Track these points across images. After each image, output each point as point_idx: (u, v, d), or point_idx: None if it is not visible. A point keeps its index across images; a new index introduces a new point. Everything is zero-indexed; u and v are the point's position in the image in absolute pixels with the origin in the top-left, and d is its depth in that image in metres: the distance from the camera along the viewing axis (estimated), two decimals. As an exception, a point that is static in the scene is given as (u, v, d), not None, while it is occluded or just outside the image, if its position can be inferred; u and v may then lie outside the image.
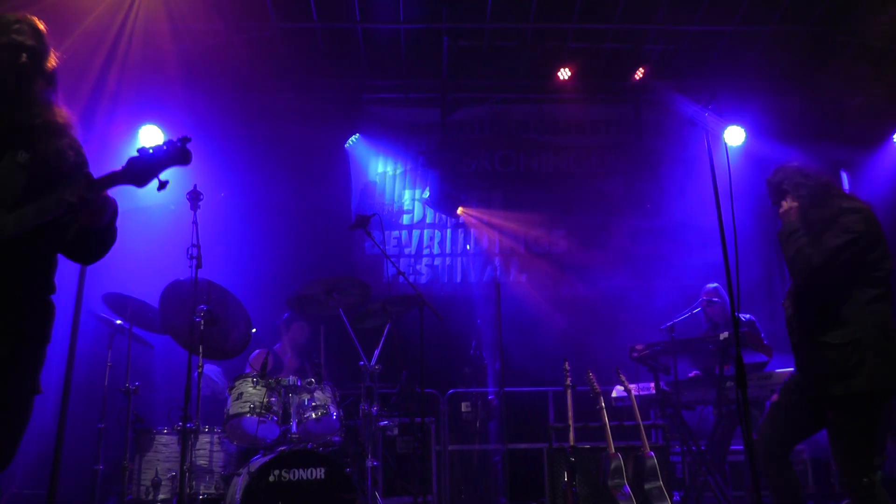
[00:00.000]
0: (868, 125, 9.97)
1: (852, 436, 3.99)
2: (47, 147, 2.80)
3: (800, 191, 4.41)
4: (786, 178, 4.53)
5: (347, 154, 9.55)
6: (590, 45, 8.97)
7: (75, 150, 2.90)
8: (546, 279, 9.70)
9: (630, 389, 6.10)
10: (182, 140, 2.72)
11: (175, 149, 2.71)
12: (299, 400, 5.51)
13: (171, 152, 2.71)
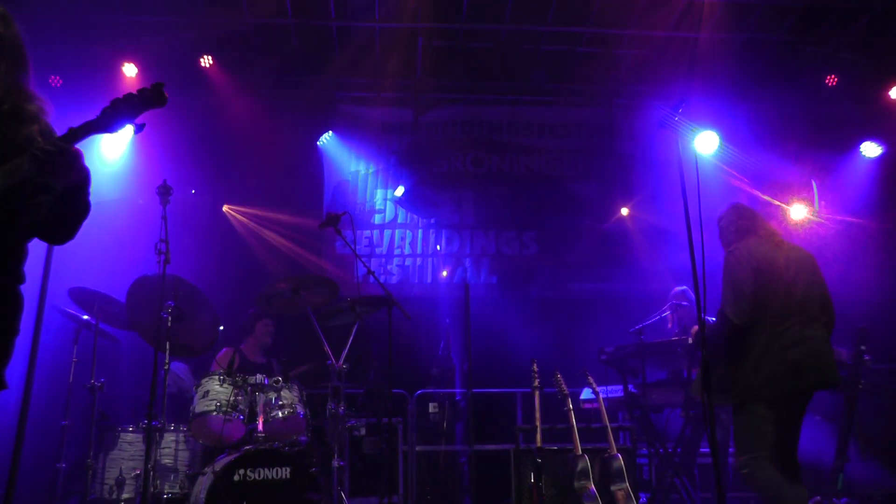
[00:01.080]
0: (837, 134, 10.11)
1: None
2: (16, 134, 2.74)
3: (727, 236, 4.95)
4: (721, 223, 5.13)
5: (320, 152, 9.50)
6: (564, 48, 9.00)
7: (46, 137, 2.84)
8: (516, 281, 9.72)
9: (598, 391, 6.13)
10: (155, 86, 2.74)
11: (148, 94, 2.72)
12: (266, 399, 5.46)
13: (146, 96, 2.72)
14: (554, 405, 6.00)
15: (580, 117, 10.17)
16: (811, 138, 10.06)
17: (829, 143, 10.14)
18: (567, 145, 10.15)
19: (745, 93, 9.69)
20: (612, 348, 6.79)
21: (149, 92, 2.74)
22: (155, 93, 2.76)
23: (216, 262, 8.21)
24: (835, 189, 10.12)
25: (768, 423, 4.49)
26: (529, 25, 8.58)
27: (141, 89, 2.74)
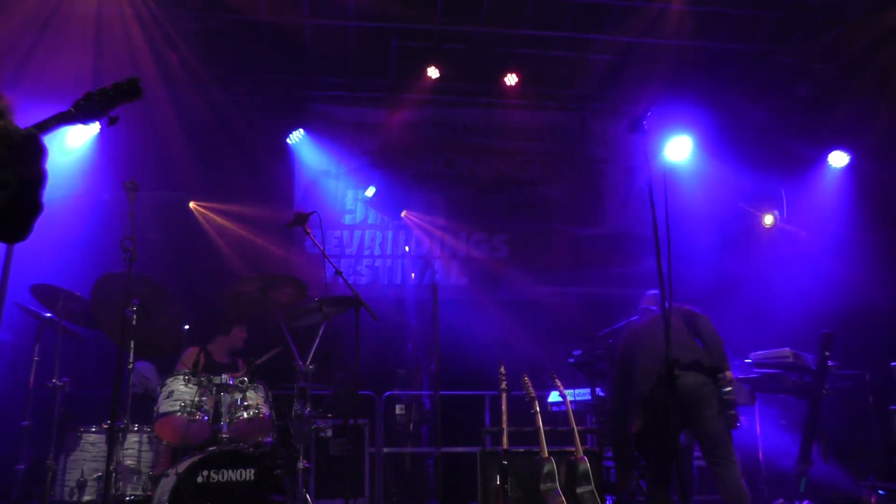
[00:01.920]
0: (807, 143, 10.25)
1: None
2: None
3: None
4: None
5: (291, 151, 9.43)
6: (538, 51, 9.02)
7: (12, 133, 2.78)
8: (486, 283, 9.73)
9: (565, 394, 6.15)
10: (130, 80, 2.70)
11: (123, 87, 2.68)
12: (231, 399, 5.40)
13: (121, 89, 2.68)
14: (523, 408, 6.01)
15: (553, 121, 10.20)
16: (782, 146, 10.19)
17: (799, 151, 10.28)
18: (539, 149, 10.17)
19: (718, 100, 9.79)
20: (580, 352, 6.83)
21: (124, 85, 2.71)
22: (130, 86, 2.72)
23: (183, 260, 8.14)
24: (804, 197, 10.25)
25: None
26: (503, 28, 8.59)
27: (116, 83, 2.70)
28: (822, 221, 10.16)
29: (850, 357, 8.39)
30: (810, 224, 10.16)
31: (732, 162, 9.91)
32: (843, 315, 8.98)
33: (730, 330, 8.03)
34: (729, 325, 8.32)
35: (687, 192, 9.79)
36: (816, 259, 9.91)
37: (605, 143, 10.20)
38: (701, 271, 9.68)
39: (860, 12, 8.35)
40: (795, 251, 10.05)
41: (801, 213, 10.24)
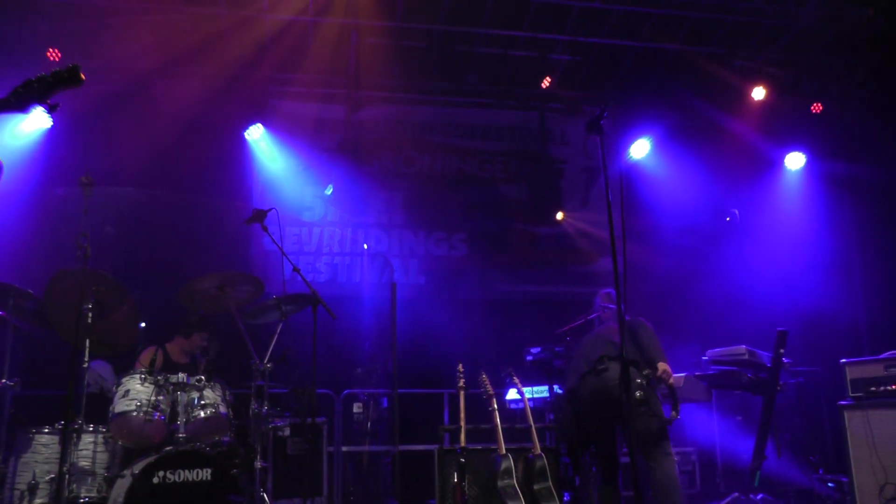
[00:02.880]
0: (764, 145, 10.43)
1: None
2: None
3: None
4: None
5: (250, 147, 9.34)
6: (498, 51, 9.04)
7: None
8: (445, 282, 9.74)
9: (523, 392, 6.19)
10: (71, 67, 2.66)
11: (63, 74, 2.65)
12: (188, 398, 5.36)
13: (60, 76, 2.64)
14: (481, 405, 6.05)
15: (513, 120, 10.24)
16: (740, 148, 10.36)
17: (757, 152, 10.46)
18: (499, 148, 10.21)
19: (676, 101, 9.90)
20: (538, 349, 6.87)
21: (64, 73, 2.67)
22: (70, 73, 2.69)
23: (139, 257, 8.02)
24: (761, 197, 10.42)
25: None
26: (464, 27, 8.60)
27: (55, 70, 2.67)
28: (779, 221, 10.35)
29: (803, 354, 8.57)
30: (767, 224, 10.33)
31: (692, 162, 10.05)
32: (798, 313, 9.16)
33: (687, 328, 8.17)
34: (686, 323, 8.45)
35: (647, 192, 9.92)
36: (772, 259, 10.09)
37: (564, 143, 10.27)
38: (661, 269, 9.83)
39: (813, 19, 8.52)
40: (752, 251, 10.21)
41: (758, 213, 10.40)
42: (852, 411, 6.26)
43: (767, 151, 10.47)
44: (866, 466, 6.05)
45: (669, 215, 9.68)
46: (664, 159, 10.04)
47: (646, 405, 4.95)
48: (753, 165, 10.52)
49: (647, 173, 10.05)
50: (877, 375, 6.24)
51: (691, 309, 9.31)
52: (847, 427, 6.28)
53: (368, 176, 9.68)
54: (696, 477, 8.20)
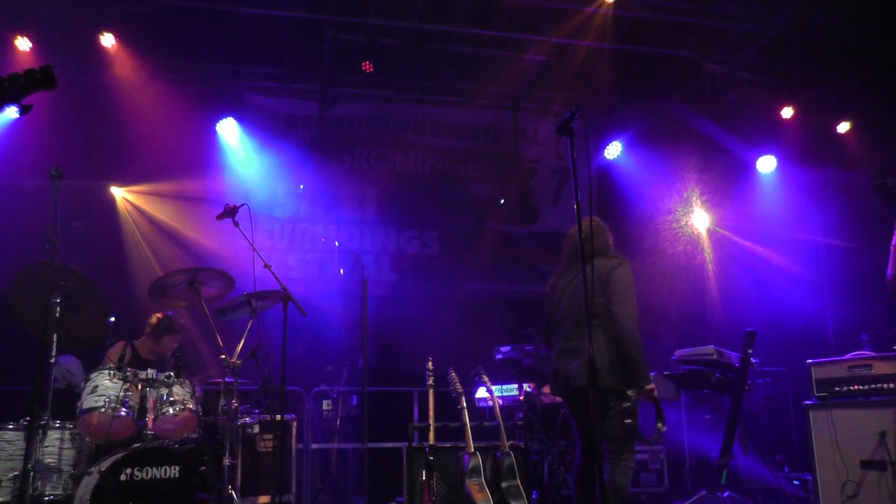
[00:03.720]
0: (736, 149, 10.55)
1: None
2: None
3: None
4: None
5: (223, 141, 9.27)
6: (472, 49, 9.05)
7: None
8: (416, 279, 9.74)
9: (492, 390, 6.22)
10: (44, 68, 2.63)
11: (36, 76, 2.61)
12: (157, 394, 5.33)
13: (33, 78, 2.61)
14: (451, 404, 6.07)
15: (486, 119, 10.25)
16: (712, 150, 10.47)
17: (729, 155, 10.58)
18: (472, 146, 10.22)
19: (650, 103, 9.97)
20: (508, 348, 6.91)
21: (37, 73, 2.64)
22: (43, 75, 2.65)
23: (109, 251, 7.95)
24: (732, 199, 10.53)
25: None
26: (439, 25, 8.60)
27: (28, 70, 2.63)
28: (750, 224, 10.47)
29: (772, 355, 8.69)
30: (738, 226, 10.45)
31: (665, 164, 10.14)
32: (767, 315, 9.29)
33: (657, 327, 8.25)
34: (657, 322, 8.53)
35: (620, 194, 10.00)
36: (742, 261, 10.21)
37: (537, 143, 10.31)
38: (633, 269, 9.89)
39: (784, 26, 8.62)
40: (724, 253, 10.32)
41: (729, 215, 10.51)
42: (817, 411, 6.35)
43: (740, 154, 10.59)
44: (829, 464, 6.14)
45: (641, 216, 9.75)
46: (638, 161, 10.12)
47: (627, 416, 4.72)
48: (726, 168, 10.63)
49: (620, 175, 10.13)
50: (840, 376, 6.33)
51: (662, 309, 9.39)
52: (812, 426, 6.36)
53: (341, 173, 9.66)
54: (665, 475, 8.27)
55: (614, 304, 4.57)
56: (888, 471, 5.77)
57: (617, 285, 4.63)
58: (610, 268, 4.70)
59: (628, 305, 4.58)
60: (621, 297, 4.59)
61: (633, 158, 10.13)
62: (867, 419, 5.99)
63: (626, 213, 9.69)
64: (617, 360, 4.58)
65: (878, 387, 6.00)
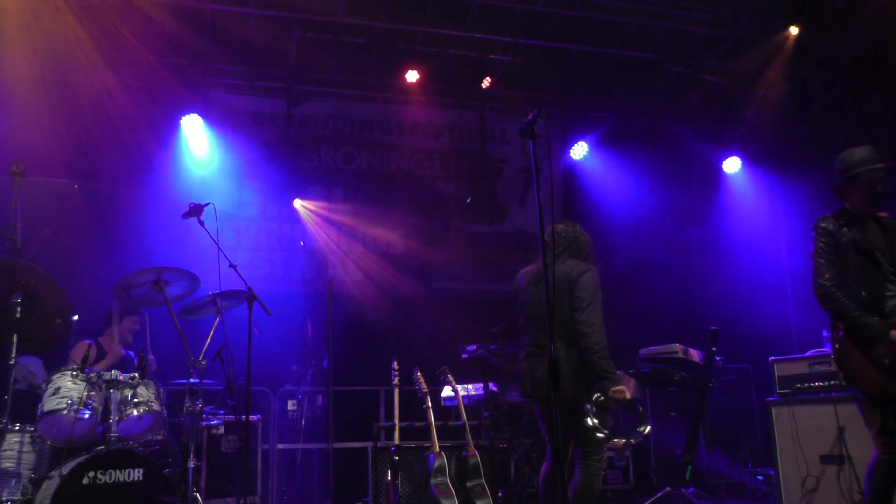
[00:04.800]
0: (699, 150, 10.68)
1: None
2: None
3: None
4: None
5: (188, 139, 9.17)
6: (439, 49, 9.06)
7: None
8: (383, 279, 9.72)
9: (457, 389, 6.25)
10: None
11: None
12: (121, 396, 5.29)
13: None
14: (417, 403, 6.09)
15: (452, 119, 10.25)
16: (677, 151, 10.57)
17: (694, 156, 10.70)
18: (438, 146, 10.22)
19: (615, 105, 10.04)
20: (474, 347, 6.93)
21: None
22: None
23: (71, 250, 7.83)
24: (698, 199, 10.65)
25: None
26: (405, 24, 8.59)
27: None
28: (715, 223, 10.61)
29: (736, 352, 8.80)
30: (704, 226, 10.57)
31: (631, 164, 10.23)
32: (731, 313, 9.41)
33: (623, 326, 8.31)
34: (622, 321, 8.60)
35: (586, 194, 10.06)
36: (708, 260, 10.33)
37: (503, 143, 10.34)
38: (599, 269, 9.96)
39: (748, 30, 8.74)
40: (690, 252, 10.44)
41: (695, 214, 10.63)
42: (779, 407, 6.47)
43: (704, 155, 10.72)
44: (791, 459, 6.27)
45: (608, 216, 9.82)
46: (604, 161, 10.20)
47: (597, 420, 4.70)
48: (691, 169, 10.75)
49: (586, 175, 10.20)
50: (802, 372, 6.47)
51: (628, 308, 9.47)
52: (774, 422, 6.49)
53: (307, 171, 9.60)
54: (630, 472, 8.36)
55: (577, 310, 4.60)
56: (846, 465, 5.90)
57: (582, 291, 4.64)
58: (578, 272, 4.72)
59: (592, 311, 4.60)
60: (585, 303, 4.61)
61: (599, 159, 10.20)
62: (827, 415, 6.12)
63: (590, 213, 9.75)
64: (584, 371, 4.59)
65: (837, 383, 6.13)
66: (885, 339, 4.27)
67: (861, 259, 4.48)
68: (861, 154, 4.63)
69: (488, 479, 5.88)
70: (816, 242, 4.59)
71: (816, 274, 4.51)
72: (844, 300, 4.38)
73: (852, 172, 4.60)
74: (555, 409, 3.73)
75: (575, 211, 9.76)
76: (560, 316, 4.64)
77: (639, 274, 9.73)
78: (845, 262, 4.48)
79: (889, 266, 4.49)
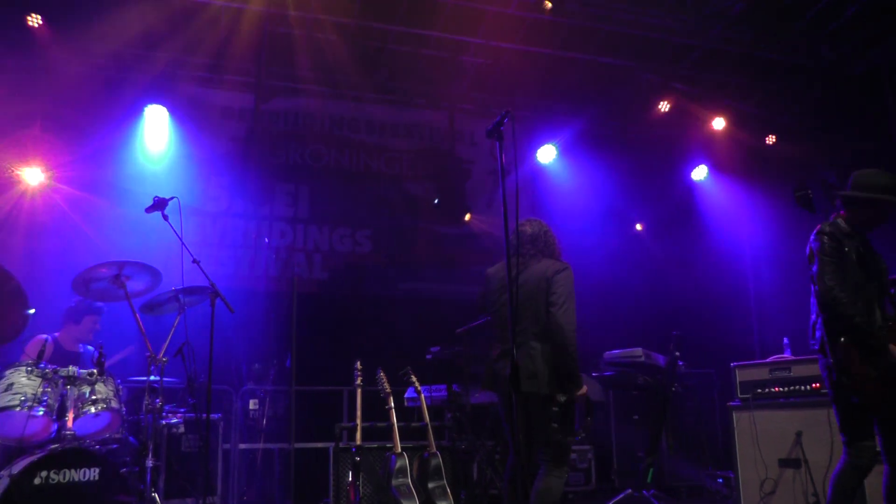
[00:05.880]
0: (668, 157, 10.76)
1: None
2: None
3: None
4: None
5: (154, 132, 9.01)
6: (411, 49, 9.03)
7: None
8: (348, 278, 9.67)
9: (420, 390, 6.23)
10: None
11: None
12: (78, 393, 5.20)
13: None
14: (380, 404, 6.06)
15: (422, 119, 10.23)
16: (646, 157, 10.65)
17: (662, 162, 10.78)
18: (407, 146, 10.19)
19: (585, 109, 10.07)
20: (438, 348, 6.92)
21: None
22: None
23: (29, 242, 7.70)
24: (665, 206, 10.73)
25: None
26: (377, 23, 8.55)
27: None
28: (681, 230, 10.69)
29: (699, 357, 8.88)
30: (670, 232, 10.65)
31: (599, 169, 10.28)
32: (695, 318, 9.49)
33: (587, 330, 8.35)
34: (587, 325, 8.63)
35: (553, 197, 10.08)
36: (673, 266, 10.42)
37: (472, 144, 10.34)
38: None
39: (718, 40, 8.82)
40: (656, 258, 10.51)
41: (662, 221, 10.71)
42: (740, 412, 6.56)
43: (673, 162, 10.81)
44: (750, 463, 6.37)
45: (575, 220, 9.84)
46: (572, 165, 10.23)
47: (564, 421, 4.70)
48: (659, 175, 10.83)
49: (554, 178, 10.22)
50: (763, 378, 6.55)
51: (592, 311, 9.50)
52: (735, 426, 6.58)
53: (274, 168, 9.53)
54: (592, 474, 8.40)
55: (554, 306, 4.62)
56: (803, 468, 6.00)
57: (559, 288, 4.66)
58: (555, 271, 4.75)
59: (567, 310, 4.62)
60: (562, 299, 4.63)
61: (568, 163, 10.23)
62: (786, 419, 6.24)
63: (557, 216, 9.76)
64: (559, 367, 4.61)
65: (797, 388, 6.24)
66: (886, 351, 4.28)
67: (859, 271, 4.47)
68: (888, 181, 4.59)
69: (450, 481, 5.87)
70: (823, 244, 4.51)
71: (821, 275, 4.44)
72: (851, 307, 4.33)
73: (876, 196, 4.57)
74: (515, 409, 3.76)
75: (542, 214, 9.77)
76: (536, 314, 4.68)
77: (604, 278, 9.77)
78: (846, 270, 4.45)
79: (877, 282, 4.52)
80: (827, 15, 8.51)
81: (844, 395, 4.43)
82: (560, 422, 4.57)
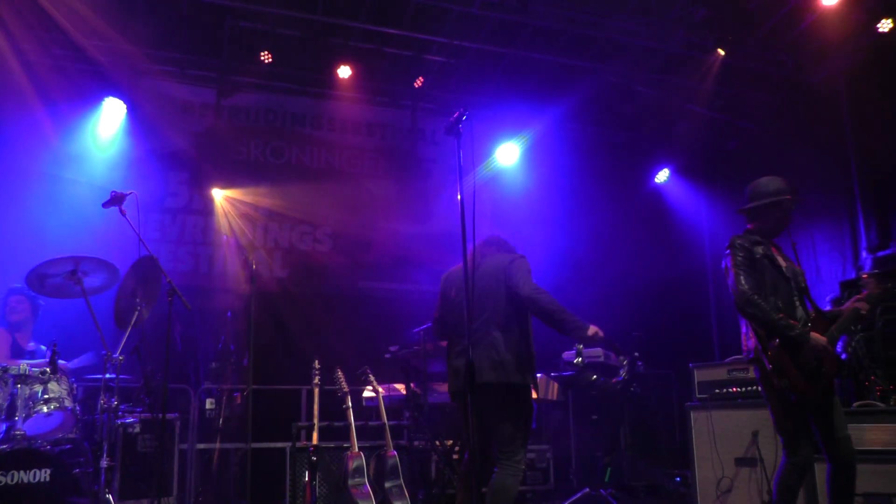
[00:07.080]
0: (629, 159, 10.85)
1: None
2: None
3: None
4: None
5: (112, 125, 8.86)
6: (374, 46, 9.00)
7: None
8: (308, 276, 9.61)
9: (378, 389, 6.23)
10: None
11: None
12: (30, 391, 5.12)
13: None
14: (338, 403, 6.04)
15: (384, 117, 10.20)
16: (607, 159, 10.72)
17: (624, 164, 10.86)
18: (369, 144, 10.15)
19: (548, 110, 10.11)
20: (396, 347, 6.92)
21: None
22: None
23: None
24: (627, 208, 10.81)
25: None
26: (341, 19, 8.50)
27: None
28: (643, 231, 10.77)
29: (659, 358, 8.96)
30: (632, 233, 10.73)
31: (558, 171, 10.32)
32: (655, 319, 9.58)
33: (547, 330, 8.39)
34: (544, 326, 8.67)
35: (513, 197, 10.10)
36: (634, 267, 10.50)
37: (434, 143, 10.33)
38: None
39: (681, 45, 8.90)
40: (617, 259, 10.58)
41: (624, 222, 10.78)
42: (698, 411, 6.66)
43: (635, 164, 10.90)
44: (707, 462, 6.48)
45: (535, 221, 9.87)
46: (534, 165, 10.27)
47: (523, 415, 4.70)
48: (621, 177, 10.91)
49: (515, 178, 10.25)
50: (721, 378, 6.66)
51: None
52: (692, 426, 6.68)
53: (235, 164, 9.44)
54: (550, 474, 8.45)
55: (516, 287, 4.67)
56: (758, 467, 6.12)
57: (517, 271, 4.74)
58: (510, 259, 4.84)
59: (530, 284, 4.68)
60: (523, 278, 4.70)
61: (529, 162, 10.26)
62: (743, 419, 6.35)
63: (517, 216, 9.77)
64: (524, 355, 4.67)
65: (754, 389, 6.34)
66: (808, 343, 4.46)
67: (775, 272, 4.69)
68: (779, 184, 4.89)
69: (407, 480, 5.88)
70: (734, 256, 4.74)
71: (736, 283, 4.66)
72: (765, 305, 4.53)
73: (773, 199, 4.84)
74: (469, 409, 3.77)
75: (502, 213, 9.78)
76: (496, 305, 4.72)
77: (564, 278, 9.81)
78: (762, 274, 4.66)
79: (794, 282, 4.73)
80: (785, 24, 8.65)
81: (783, 396, 4.57)
82: (518, 413, 4.60)
